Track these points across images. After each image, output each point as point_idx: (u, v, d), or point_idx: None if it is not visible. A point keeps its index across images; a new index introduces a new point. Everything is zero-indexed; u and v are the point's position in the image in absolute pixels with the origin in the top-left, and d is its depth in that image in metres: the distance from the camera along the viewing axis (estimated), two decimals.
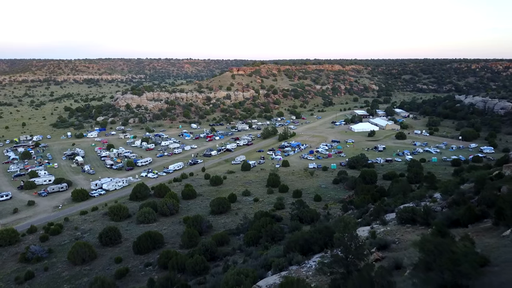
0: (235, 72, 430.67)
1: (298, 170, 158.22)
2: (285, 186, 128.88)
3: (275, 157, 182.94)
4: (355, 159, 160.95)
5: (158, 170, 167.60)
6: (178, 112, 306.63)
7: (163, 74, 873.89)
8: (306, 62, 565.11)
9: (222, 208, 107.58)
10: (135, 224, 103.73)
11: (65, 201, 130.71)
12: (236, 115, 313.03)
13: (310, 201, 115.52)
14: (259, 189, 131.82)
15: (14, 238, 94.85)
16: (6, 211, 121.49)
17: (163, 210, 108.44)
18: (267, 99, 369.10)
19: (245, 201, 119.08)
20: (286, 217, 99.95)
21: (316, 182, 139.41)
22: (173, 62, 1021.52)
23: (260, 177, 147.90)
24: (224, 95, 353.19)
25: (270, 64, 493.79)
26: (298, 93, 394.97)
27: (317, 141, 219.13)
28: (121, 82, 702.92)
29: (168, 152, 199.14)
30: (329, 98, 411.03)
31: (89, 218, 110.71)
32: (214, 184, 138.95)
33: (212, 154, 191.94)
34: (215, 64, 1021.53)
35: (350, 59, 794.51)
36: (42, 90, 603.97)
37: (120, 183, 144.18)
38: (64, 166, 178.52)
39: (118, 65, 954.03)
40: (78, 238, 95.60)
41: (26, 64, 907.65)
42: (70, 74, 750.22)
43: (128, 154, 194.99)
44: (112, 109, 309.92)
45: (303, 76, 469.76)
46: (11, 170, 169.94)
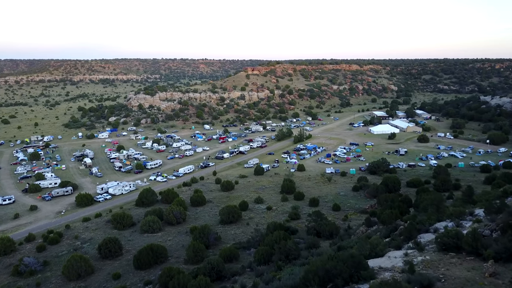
0: (249, 72, 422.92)
1: (314, 175, 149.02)
2: (301, 193, 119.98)
3: (290, 160, 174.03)
4: (376, 164, 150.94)
5: (167, 173, 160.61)
6: (191, 112, 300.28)
7: (178, 74, 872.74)
8: (322, 62, 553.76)
9: (232, 218, 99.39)
10: (139, 233, 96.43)
11: (69, 206, 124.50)
12: (250, 116, 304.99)
13: (328, 211, 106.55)
14: (272, 196, 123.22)
15: (10, 247, 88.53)
16: (6, 216, 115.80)
17: (169, 218, 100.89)
18: (282, 99, 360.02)
19: (257, 209, 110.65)
20: (302, 229, 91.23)
21: (334, 188, 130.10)
22: (188, 62, 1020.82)
23: (274, 183, 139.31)
24: (238, 96, 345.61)
25: (285, 64, 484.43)
26: (314, 94, 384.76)
27: (335, 144, 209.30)
28: (136, 82, 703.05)
29: (179, 154, 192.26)
30: (346, 99, 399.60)
31: (91, 226, 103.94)
32: (225, 190, 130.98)
33: (224, 157, 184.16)
34: (230, 64, 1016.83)
35: (368, 59, 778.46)
36: (58, 90, 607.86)
37: (127, 187, 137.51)
38: (72, 168, 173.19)
39: (134, 65, 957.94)
40: (77, 249, 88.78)
41: (44, 64, 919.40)
42: (86, 74, 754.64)
43: (138, 156, 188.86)
44: (125, 109, 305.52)
45: (319, 76, 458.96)
46: (18, 171, 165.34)
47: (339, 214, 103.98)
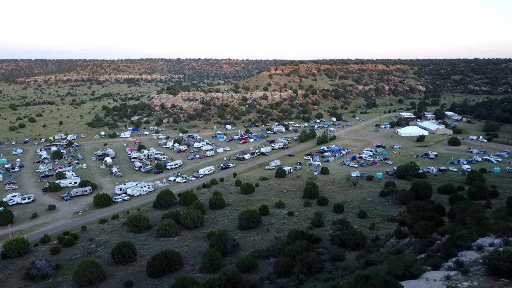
0: (272, 71, 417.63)
1: (339, 179, 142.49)
2: (325, 198, 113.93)
3: (313, 163, 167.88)
4: (404, 168, 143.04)
5: (187, 174, 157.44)
6: (213, 112, 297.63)
7: (202, 74, 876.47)
8: (347, 62, 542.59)
9: (251, 223, 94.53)
10: (155, 237, 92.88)
11: (87, 206, 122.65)
12: (272, 116, 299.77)
13: (354, 218, 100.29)
14: (294, 200, 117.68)
15: (24, 249, 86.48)
16: (25, 216, 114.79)
17: (186, 222, 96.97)
18: (306, 99, 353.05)
19: (278, 214, 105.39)
20: (325, 237, 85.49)
21: (360, 193, 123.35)
22: (212, 62, 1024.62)
23: (296, 186, 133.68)
24: (261, 95, 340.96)
25: (309, 64, 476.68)
26: (339, 94, 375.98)
27: (360, 146, 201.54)
28: (160, 82, 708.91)
29: (200, 155, 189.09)
30: (372, 99, 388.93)
31: (107, 228, 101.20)
32: (245, 192, 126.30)
33: (245, 158, 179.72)
34: (253, 64, 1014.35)
35: (394, 59, 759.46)
36: (85, 89, 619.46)
37: (145, 188, 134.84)
38: (92, 167, 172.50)
39: (158, 65, 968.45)
40: (91, 252, 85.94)
41: (72, 64, 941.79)
42: (111, 74, 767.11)
43: (158, 155, 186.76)
44: (147, 108, 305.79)
45: (344, 76, 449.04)
46: (39, 170, 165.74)
47: (365, 221, 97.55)
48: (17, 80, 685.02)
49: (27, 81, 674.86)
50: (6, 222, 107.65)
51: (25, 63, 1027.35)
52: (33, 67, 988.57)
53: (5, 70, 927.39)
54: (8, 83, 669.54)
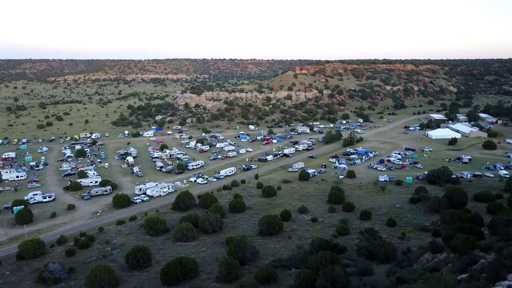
0: (297, 71, 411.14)
1: (366, 183, 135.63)
2: (351, 203, 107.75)
3: (339, 165, 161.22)
4: (436, 173, 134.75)
5: (208, 175, 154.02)
6: (236, 112, 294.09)
7: (227, 74, 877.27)
8: (375, 61, 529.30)
9: (272, 229, 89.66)
10: (172, 241, 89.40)
11: (106, 206, 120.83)
12: (296, 117, 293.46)
13: (382, 226, 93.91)
14: (318, 206, 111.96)
15: (39, 250, 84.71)
16: (44, 215, 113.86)
17: (204, 226, 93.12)
18: (332, 99, 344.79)
19: (301, 220, 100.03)
20: (351, 247, 79.71)
21: (389, 199, 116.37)
22: (237, 62, 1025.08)
23: (320, 190, 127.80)
24: (285, 95, 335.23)
25: (335, 63, 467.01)
26: (366, 94, 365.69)
27: (388, 149, 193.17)
28: (186, 82, 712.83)
29: (222, 155, 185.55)
30: (400, 100, 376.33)
31: (124, 230, 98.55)
32: (266, 196, 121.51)
33: (267, 159, 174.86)
34: (278, 64, 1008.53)
35: (424, 59, 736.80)
36: (112, 88, 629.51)
37: (165, 189, 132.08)
38: (114, 167, 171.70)
39: (184, 65, 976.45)
40: (106, 256, 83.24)
41: (100, 64, 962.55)
42: (138, 74, 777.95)
43: (180, 155, 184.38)
44: (171, 108, 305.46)
45: (371, 76, 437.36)
46: (62, 168, 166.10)
47: (394, 230, 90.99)
48: (48, 79, 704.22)
49: (57, 80, 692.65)
50: (25, 221, 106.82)
51: (57, 63, 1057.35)
52: (64, 67, 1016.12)
53: (38, 70, 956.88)
54: (39, 82, 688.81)
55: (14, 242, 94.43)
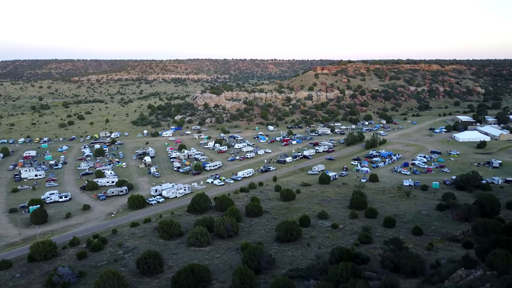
0: (318, 71, 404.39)
1: (389, 188, 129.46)
2: (373, 209, 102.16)
3: (361, 168, 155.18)
4: (465, 178, 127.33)
5: (226, 176, 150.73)
6: (255, 113, 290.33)
7: (247, 74, 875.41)
8: (398, 61, 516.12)
9: (290, 235, 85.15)
10: (186, 246, 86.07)
11: (121, 207, 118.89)
12: (317, 117, 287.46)
13: (407, 234, 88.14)
14: (339, 211, 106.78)
15: (51, 252, 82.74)
16: (59, 215, 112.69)
17: (219, 231, 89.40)
18: (353, 100, 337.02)
19: (321, 226, 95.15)
20: (374, 257, 74.48)
21: (414, 205, 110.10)
22: (257, 62, 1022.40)
23: (341, 194, 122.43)
24: (305, 96, 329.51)
25: (358, 63, 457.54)
26: (389, 95, 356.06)
27: (413, 151, 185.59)
28: (206, 82, 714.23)
29: (240, 156, 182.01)
30: (425, 101, 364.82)
31: (138, 233, 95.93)
32: (284, 199, 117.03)
33: (286, 161, 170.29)
34: (299, 64, 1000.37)
35: (450, 59, 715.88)
36: (133, 88, 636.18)
37: (181, 190, 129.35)
38: (132, 166, 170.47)
39: (205, 65, 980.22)
40: (117, 260, 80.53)
41: (123, 64, 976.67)
42: (160, 74, 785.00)
43: (198, 156, 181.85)
44: (191, 108, 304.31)
45: (395, 76, 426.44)
46: (80, 167, 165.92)
47: (421, 239, 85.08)
48: (72, 79, 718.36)
49: (81, 80, 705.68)
50: (40, 221, 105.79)
51: (81, 63, 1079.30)
52: (88, 67, 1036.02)
53: (63, 70, 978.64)
54: (64, 82, 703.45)
55: (28, 242, 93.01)
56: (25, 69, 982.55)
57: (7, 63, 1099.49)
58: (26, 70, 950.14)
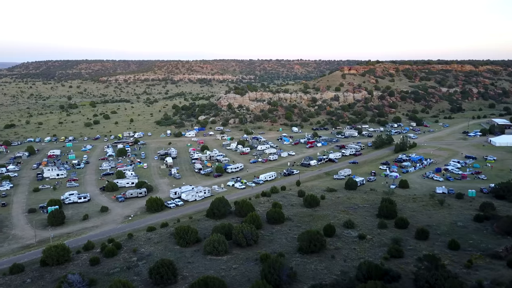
0: (346, 71, 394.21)
1: (421, 195, 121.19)
2: (404, 219, 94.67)
3: (390, 174, 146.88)
4: (505, 186, 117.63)
5: (247, 179, 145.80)
6: (280, 113, 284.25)
7: (273, 75, 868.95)
8: (429, 62, 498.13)
9: (313, 247, 79.17)
10: (202, 254, 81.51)
11: (139, 210, 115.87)
12: (343, 119, 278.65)
13: (442, 248, 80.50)
14: (366, 220, 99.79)
15: (63, 257, 79.89)
16: (76, 217, 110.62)
17: (238, 238, 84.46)
18: (382, 101, 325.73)
19: (347, 236, 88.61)
20: (406, 274, 67.79)
21: (449, 215, 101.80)
22: (283, 63, 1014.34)
23: (369, 201, 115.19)
24: (332, 96, 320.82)
25: (386, 63, 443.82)
26: (419, 96, 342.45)
27: (446, 156, 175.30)
28: (232, 83, 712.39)
29: (263, 158, 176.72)
30: (457, 103, 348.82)
31: (154, 238, 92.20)
32: (308, 206, 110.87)
33: (311, 164, 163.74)
34: (326, 65, 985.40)
35: (484, 60, 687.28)
36: (159, 88, 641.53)
37: (201, 193, 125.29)
38: (153, 167, 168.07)
39: (231, 65, 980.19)
40: (130, 267, 76.79)
41: (150, 64, 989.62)
42: (185, 74, 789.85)
43: (220, 157, 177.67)
44: (214, 108, 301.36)
45: (425, 77, 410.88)
46: (102, 167, 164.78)
47: (458, 255, 77.28)
48: (100, 79, 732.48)
49: (109, 80, 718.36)
50: (57, 222, 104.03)
51: (110, 64, 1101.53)
52: (116, 67, 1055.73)
53: (92, 70, 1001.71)
54: (92, 82, 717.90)
55: (43, 245, 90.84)
56: (57, 69, 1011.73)
57: (40, 63, 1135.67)
58: (58, 70, 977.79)
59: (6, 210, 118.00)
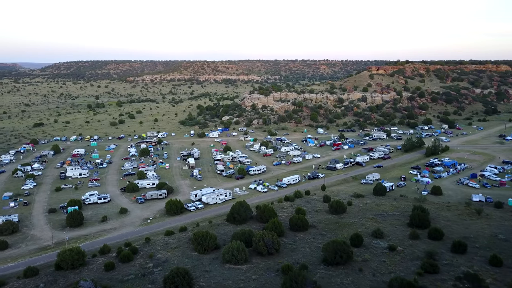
0: (373, 71, 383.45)
1: (455, 203, 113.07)
2: (438, 230, 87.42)
3: (421, 179, 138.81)
4: None
5: (270, 182, 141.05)
6: (305, 114, 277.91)
7: (298, 75, 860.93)
8: (462, 62, 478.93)
9: (339, 258, 73.50)
10: (220, 262, 77.22)
11: (158, 212, 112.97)
12: (371, 120, 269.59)
13: (482, 264, 73.16)
14: (397, 229, 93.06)
15: (78, 261, 77.34)
16: (95, 218, 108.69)
17: (258, 246, 79.72)
18: (411, 103, 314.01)
19: (376, 247, 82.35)
20: None
21: (488, 227, 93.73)
22: (309, 63, 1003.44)
23: (399, 209, 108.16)
24: (359, 97, 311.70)
25: (416, 63, 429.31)
26: (451, 97, 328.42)
27: (481, 161, 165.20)
28: (256, 83, 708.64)
29: (286, 161, 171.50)
30: (492, 105, 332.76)
31: (172, 243, 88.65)
32: (334, 212, 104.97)
33: (337, 168, 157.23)
34: (353, 65, 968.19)
35: None
36: (185, 88, 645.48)
37: (222, 196, 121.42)
38: (175, 168, 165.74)
39: (256, 66, 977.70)
40: (145, 275, 73.28)
41: (177, 65, 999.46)
42: (211, 74, 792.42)
43: (243, 159, 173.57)
44: (238, 108, 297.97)
45: (458, 78, 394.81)
46: (124, 167, 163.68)
47: (501, 273, 69.87)
48: (128, 79, 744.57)
49: (136, 80, 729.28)
50: (76, 224, 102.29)
51: (137, 64, 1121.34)
52: (144, 67, 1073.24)
53: (120, 70, 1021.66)
54: (120, 82, 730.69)
55: (60, 247, 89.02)
56: (86, 69, 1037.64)
57: (71, 64, 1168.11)
58: (88, 71, 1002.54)
59: (28, 209, 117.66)
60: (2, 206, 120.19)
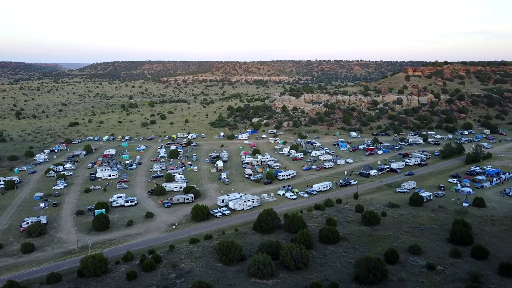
0: (410, 72, 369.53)
1: (501, 217, 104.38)
2: (483, 248, 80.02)
3: (462, 189, 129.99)
4: None
5: (299, 188, 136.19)
6: (337, 117, 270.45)
7: (331, 76, 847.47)
8: (505, 63, 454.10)
9: (373, 277, 68.16)
10: (245, 275, 73.55)
11: (184, 218, 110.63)
12: (407, 124, 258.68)
13: None
14: (436, 244, 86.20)
15: (101, 268, 75.61)
16: (121, 222, 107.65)
17: (285, 260, 75.46)
18: (450, 106, 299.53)
19: (412, 265, 76.16)
20: None
21: None
22: (342, 64, 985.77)
23: (437, 222, 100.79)
24: (394, 99, 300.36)
25: (456, 65, 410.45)
26: (493, 100, 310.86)
27: None
28: (288, 84, 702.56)
29: (317, 166, 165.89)
30: None
31: (196, 251, 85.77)
32: (367, 224, 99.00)
33: (370, 174, 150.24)
34: (387, 66, 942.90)
35: None
36: (216, 89, 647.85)
37: (249, 203, 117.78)
38: (203, 170, 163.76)
39: (288, 66, 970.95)
40: (167, 286, 70.80)
41: (209, 65, 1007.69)
42: (242, 75, 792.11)
43: (271, 162, 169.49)
44: (268, 110, 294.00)
45: (501, 80, 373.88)
46: (153, 169, 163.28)
47: None
48: (161, 79, 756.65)
49: (169, 80, 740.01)
50: (102, 227, 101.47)
51: (171, 64, 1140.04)
52: (177, 68, 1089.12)
53: (154, 71, 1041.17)
54: (153, 82, 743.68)
55: (84, 251, 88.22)
56: (122, 69, 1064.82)
57: (107, 64, 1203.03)
58: (123, 71, 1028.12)
59: (57, 210, 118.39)
60: (33, 206, 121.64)
